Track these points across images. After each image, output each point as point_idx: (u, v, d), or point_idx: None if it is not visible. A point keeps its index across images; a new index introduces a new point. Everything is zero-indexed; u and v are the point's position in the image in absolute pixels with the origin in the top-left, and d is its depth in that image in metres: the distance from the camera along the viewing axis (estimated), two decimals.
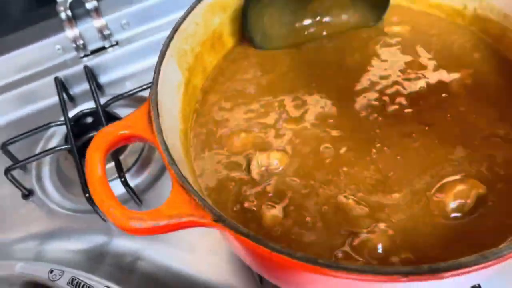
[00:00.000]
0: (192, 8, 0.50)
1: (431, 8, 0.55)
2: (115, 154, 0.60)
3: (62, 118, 0.65)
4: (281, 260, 0.32)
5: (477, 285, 0.46)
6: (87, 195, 0.57)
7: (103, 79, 0.76)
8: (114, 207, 0.35)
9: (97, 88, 0.73)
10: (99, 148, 0.38)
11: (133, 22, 0.76)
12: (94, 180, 0.37)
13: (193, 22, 0.51)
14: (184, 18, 0.49)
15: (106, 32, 0.74)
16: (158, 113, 0.42)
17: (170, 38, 0.48)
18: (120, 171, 0.59)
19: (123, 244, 0.58)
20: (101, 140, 0.39)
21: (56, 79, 0.70)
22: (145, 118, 0.42)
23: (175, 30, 0.48)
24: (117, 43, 0.76)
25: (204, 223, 0.36)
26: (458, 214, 0.40)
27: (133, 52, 0.76)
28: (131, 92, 0.67)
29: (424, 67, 0.51)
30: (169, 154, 0.39)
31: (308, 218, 0.42)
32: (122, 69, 0.76)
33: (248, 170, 0.46)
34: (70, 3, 0.73)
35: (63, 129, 0.68)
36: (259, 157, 0.46)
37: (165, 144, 0.40)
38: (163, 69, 0.46)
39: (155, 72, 0.45)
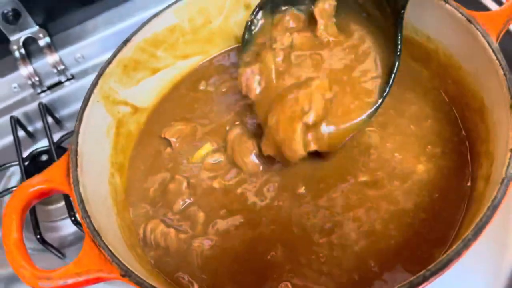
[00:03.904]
0: (118, 51, 0.51)
1: None
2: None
3: None
4: None
5: None
6: (38, 236, 0.58)
7: (62, 113, 0.77)
8: (24, 267, 0.36)
9: (55, 123, 0.74)
10: (15, 209, 0.39)
11: (87, 55, 0.77)
12: (9, 241, 0.38)
13: (121, 64, 0.52)
14: (109, 62, 0.50)
15: (61, 67, 0.75)
16: (76, 164, 0.43)
17: (94, 84, 0.48)
18: (71, 210, 0.59)
19: None
20: (16, 200, 0.40)
21: (11, 118, 0.71)
22: (63, 170, 0.42)
23: (99, 75, 0.49)
24: (73, 77, 0.77)
25: (113, 277, 0.36)
26: None
27: (89, 84, 0.76)
28: None
29: None
30: (83, 208, 0.40)
31: None
32: (80, 102, 0.76)
33: None
34: (23, 41, 0.74)
35: None
36: None
37: (80, 196, 0.41)
38: (88, 117, 0.47)
39: (77, 121, 0.46)
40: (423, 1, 0.48)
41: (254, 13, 0.50)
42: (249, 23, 0.50)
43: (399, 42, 0.45)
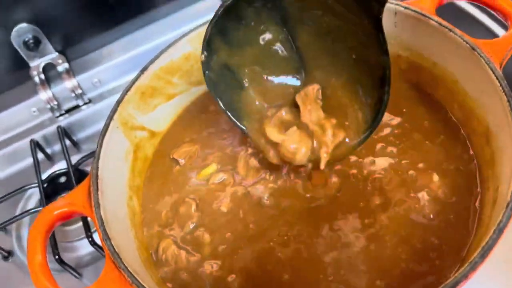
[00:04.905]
0: (136, 78, 0.53)
1: None
2: None
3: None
4: None
5: None
6: (57, 256, 0.60)
7: (79, 135, 0.79)
8: None
9: (73, 145, 0.76)
10: (39, 231, 0.41)
11: (104, 79, 0.80)
12: (34, 263, 0.40)
13: (139, 91, 0.54)
14: (127, 89, 0.52)
15: (78, 91, 0.78)
16: (97, 188, 0.44)
17: (114, 111, 0.51)
18: (88, 231, 0.61)
19: None
20: (41, 223, 0.42)
21: (31, 141, 0.73)
22: (85, 194, 0.44)
23: (118, 102, 0.51)
24: (90, 101, 0.79)
25: None
26: None
27: (105, 108, 0.79)
28: None
29: None
30: (104, 230, 0.42)
31: None
32: (96, 125, 0.79)
33: None
34: (43, 67, 0.76)
35: None
36: None
37: (101, 219, 0.42)
38: (107, 142, 0.49)
39: (97, 146, 0.48)
40: (428, 29, 0.50)
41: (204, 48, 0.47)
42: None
43: (382, 40, 0.45)
